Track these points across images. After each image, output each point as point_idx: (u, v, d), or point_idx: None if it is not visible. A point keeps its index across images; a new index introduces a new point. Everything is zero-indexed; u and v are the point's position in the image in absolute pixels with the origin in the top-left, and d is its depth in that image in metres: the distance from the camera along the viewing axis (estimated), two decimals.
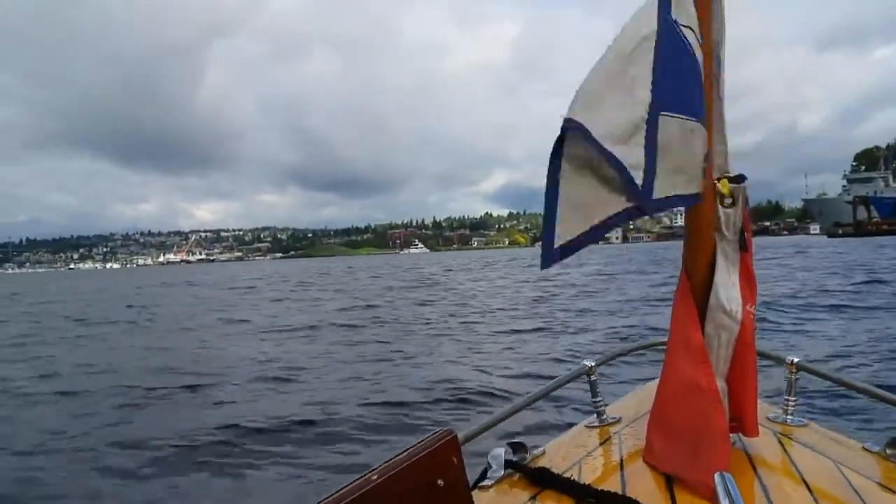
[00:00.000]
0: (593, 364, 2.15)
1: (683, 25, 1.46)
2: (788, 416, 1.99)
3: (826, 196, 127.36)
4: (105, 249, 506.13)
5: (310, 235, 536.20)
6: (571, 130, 1.29)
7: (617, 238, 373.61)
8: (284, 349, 12.09)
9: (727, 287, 1.58)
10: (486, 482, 1.68)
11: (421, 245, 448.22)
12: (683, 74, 1.45)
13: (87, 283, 73.08)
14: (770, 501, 1.42)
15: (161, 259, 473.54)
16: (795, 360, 2.04)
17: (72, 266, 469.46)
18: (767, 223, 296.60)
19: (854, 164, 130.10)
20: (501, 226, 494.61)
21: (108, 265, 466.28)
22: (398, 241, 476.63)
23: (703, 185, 1.51)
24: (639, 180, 1.30)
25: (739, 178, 1.59)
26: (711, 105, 1.59)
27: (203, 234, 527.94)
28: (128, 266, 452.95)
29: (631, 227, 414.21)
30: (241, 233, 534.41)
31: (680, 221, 2.03)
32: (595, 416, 2.10)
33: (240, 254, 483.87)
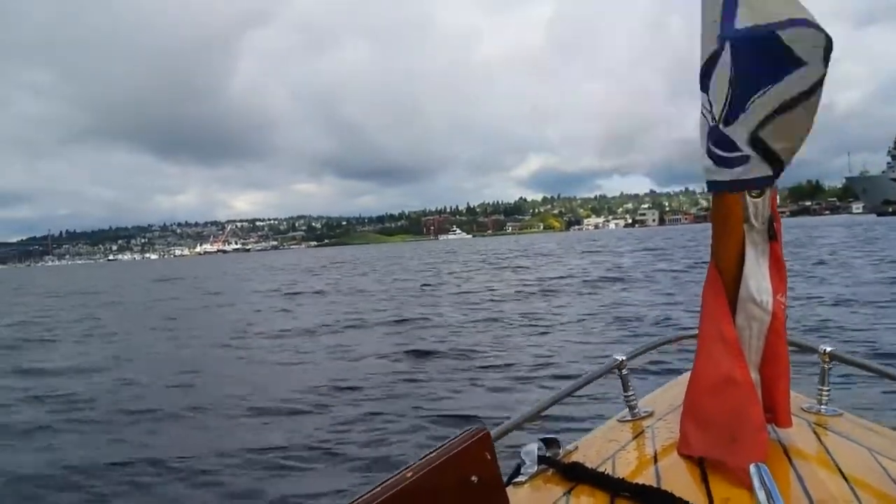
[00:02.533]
0: (624, 358, 2.15)
1: None
2: (822, 406, 1.98)
3: (869, 174, 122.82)
4: (143, 240, 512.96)
5: (344, 223, 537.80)
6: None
7: (654, 221, 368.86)
8: None
9: (757, 278, 1.58)
10: (520, 478, 1.69)
11: (459, 231, 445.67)
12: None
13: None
14: (806, 491, 1.42)
15: (198, 249, 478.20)
16: (828, 349, 2.04)
17: (110, 257, 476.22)
18: (808, 203, 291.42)
19: None
20: (536, 210, 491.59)
21: (147, 256, 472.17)
22: (432, 228, 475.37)
23: (718, 173, 1.56)
24: None
25: None
26: None
27: (239, 224, 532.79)
28: (165, 257, 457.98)
29: (667, 209, 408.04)
30: (276, 222, 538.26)
31: None
32: (627, 410, 2.10)
33: (275, 243, 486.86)
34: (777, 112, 1.41)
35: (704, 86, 1.51)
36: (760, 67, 1.40)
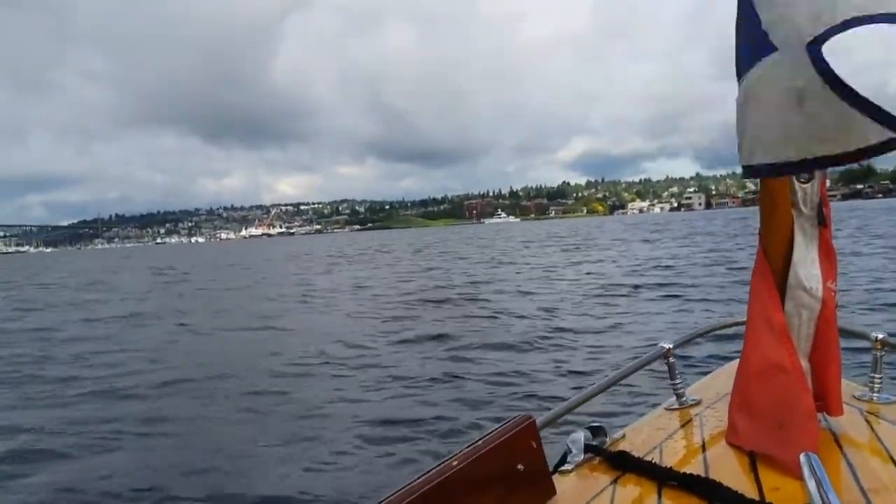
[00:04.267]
0: (671, 346, 2.13)
1: None
2: (874, 394, 1.94)
3: None
4: (190, 224, 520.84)
5: (387, 207, 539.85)
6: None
7: (700, 204, 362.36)
8: None
9: (806, 264, 1.55)
10: (567, 466, 1.67)
11: (504, 214, 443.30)
12: None
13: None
14: (857, 479, 1.40)
15: (244, 233, 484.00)
16: (880, 336, 2.00)
17: (158, 240, 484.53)
18: (860, 186, 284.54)
19: None
20: (580, 194, 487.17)
21: (194, 239, 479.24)
22: (475, 212, 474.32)
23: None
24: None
25: None
26: None
27: (284, 208, 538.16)
28: (212, 240, 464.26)
29: (714, 192, 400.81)
30: (320, 206, 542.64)
31: None
32: (675, 398, 2.08)
33: (319, 227, 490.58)
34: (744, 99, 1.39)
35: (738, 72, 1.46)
36: (743, 51, 1.39)
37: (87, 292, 26.33)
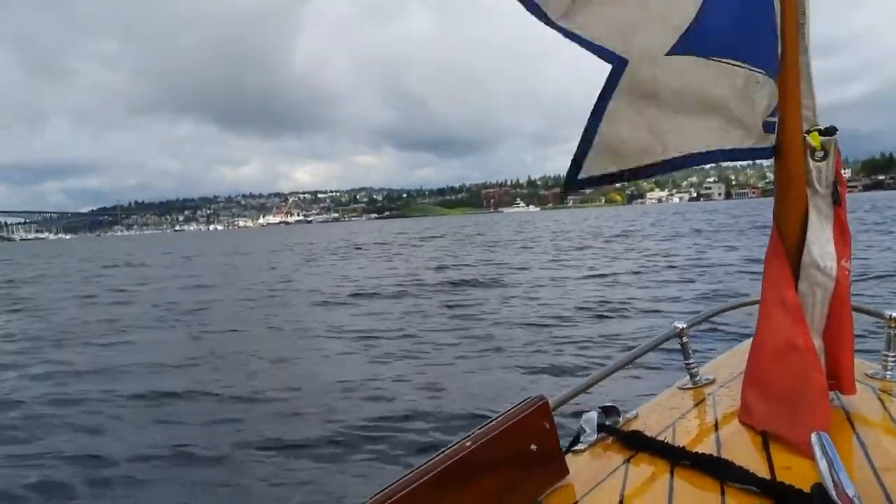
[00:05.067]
0: (685, 326, 2.14)
1: None
2: (888, 372, 1.94)
3: None
4: (208, 212, 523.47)
5: (405, 196, 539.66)
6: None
7: (720, 195, 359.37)
8: None
9: (821, 243, 1.55)
10: (580, 446, 1.67)
11: (522, 203, 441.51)
12: (748, 21, 1.43)
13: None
14: (869, 458, 1.40)
15: (261, 221, 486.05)
16: (894, 314, 1.98)
17: (177, 228, 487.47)
18: (882, 177, 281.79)
19: None
20: None
21: (212, 227, 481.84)
22: (492, 201, 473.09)
23: (768, 139, 1.55)
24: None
25: (830, 131, 1.54)
26: (796, 57, 1.54)
27: (301, 196, 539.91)
28: (230, 228, 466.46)
29: (734, 182, 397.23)
30: (337, 194, 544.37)
31: None
32: (688, 377, 2.09)
33: (336, 215, 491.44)
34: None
35: None
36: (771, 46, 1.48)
37: None
